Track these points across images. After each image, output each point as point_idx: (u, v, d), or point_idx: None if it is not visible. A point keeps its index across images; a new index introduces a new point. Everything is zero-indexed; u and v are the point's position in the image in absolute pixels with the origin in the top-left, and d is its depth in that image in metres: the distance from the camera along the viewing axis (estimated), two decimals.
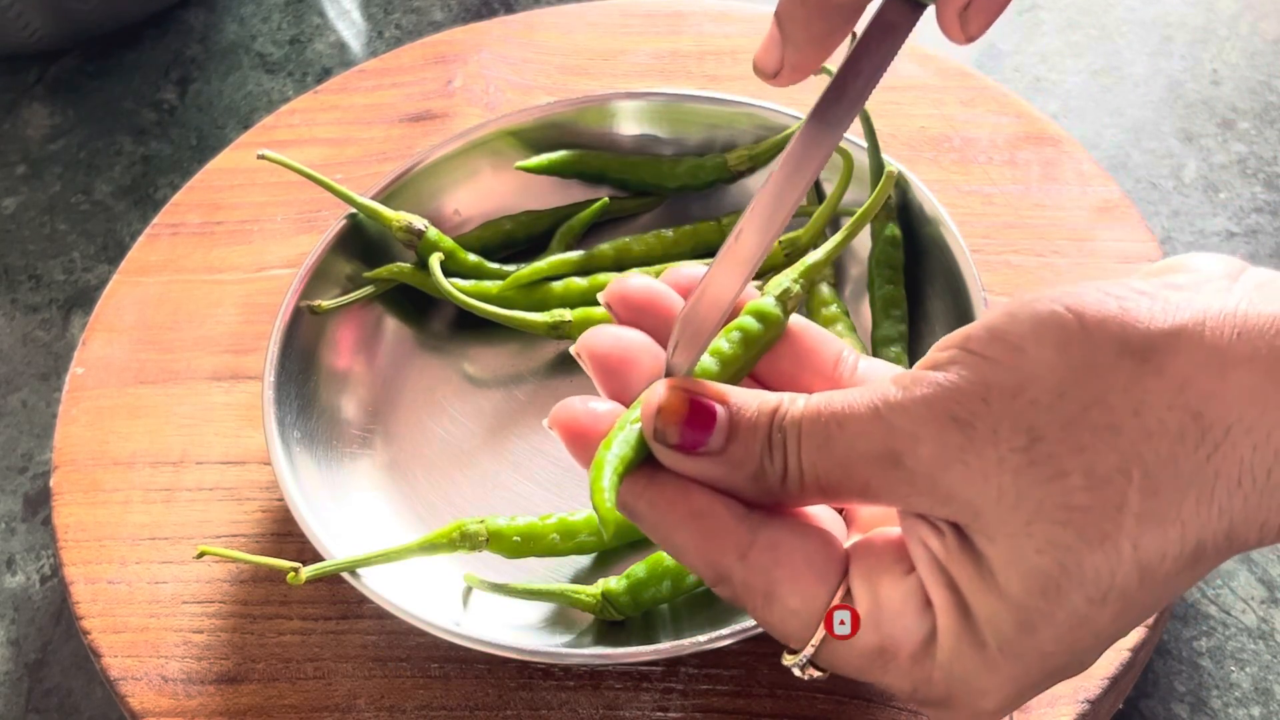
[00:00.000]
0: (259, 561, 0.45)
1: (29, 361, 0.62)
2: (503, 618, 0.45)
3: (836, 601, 0.29)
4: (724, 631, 0.40)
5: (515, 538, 0.45)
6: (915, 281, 0.51)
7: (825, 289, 0.51)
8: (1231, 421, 0.26)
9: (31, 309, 0.64)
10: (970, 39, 0.34)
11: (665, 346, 0.32)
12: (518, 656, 0.41)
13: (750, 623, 0.40)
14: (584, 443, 0.31)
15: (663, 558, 0.44)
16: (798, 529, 0.30)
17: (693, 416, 0.29)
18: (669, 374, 0.32)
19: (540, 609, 0.45)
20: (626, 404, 0.32)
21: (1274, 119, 0.65)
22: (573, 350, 0.33)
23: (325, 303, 0.51)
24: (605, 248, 0.54)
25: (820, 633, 0.29)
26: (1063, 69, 0.69)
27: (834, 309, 0.50)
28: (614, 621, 0.44)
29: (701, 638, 0.40)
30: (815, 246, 0.51)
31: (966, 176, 0.58)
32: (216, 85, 0.74)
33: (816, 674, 0.30)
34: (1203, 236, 0.60)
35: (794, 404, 0.29)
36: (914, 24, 0.33)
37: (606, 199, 0.55)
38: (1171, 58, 0.69)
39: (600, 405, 0.32)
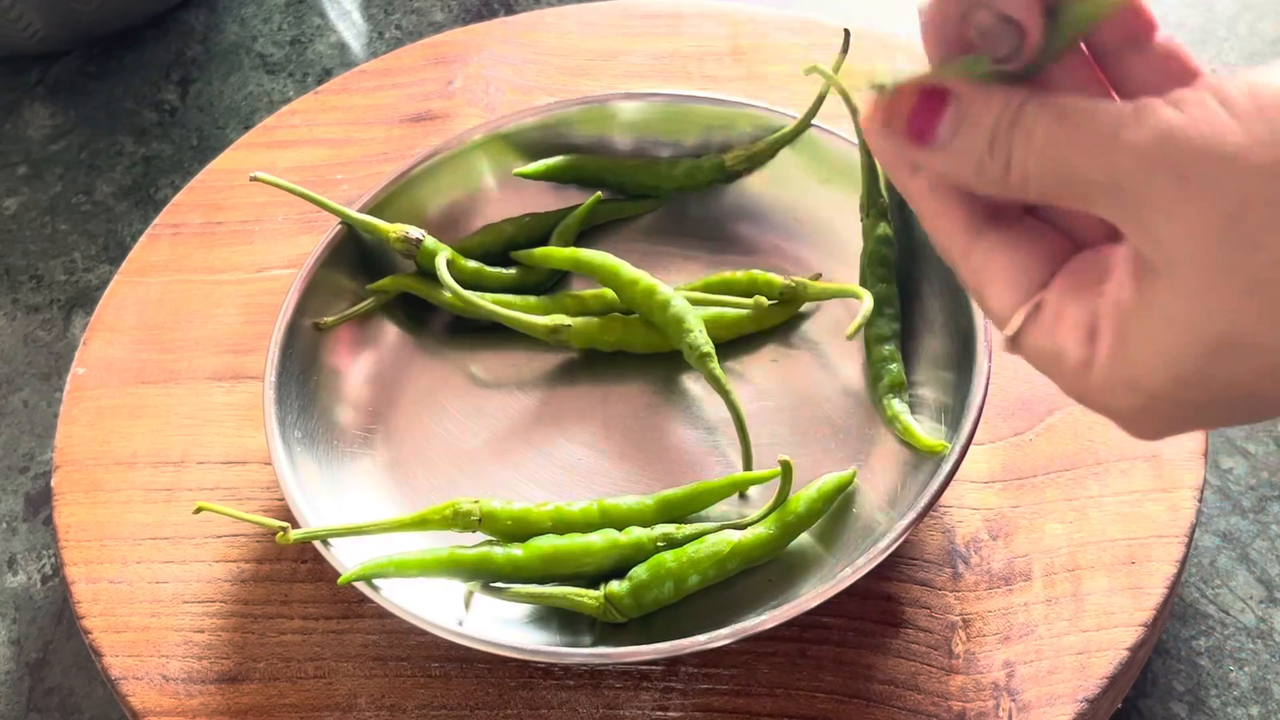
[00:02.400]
0: (252, 520, 0.45)
1: (30, 361, 0.62)
2: (503, 617, 0.45)
3: (1029, 305, 0.30)
4: (724, 631, 0.40)
5: (509, 521, 0.45)
6: (913, 281, 0.51)
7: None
8: None
9: (33, 309, 0.64)
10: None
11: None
12: (518, 656, 0.41)
13: (750, 623, 0.40)
14: (945, 43, 0.31)
15: (664, 559, 0.44)
16: (1016, 238, 0.31)
17: (922, 103, 0.30)
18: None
19: (541, 608, 0.45)
20: None
21: None
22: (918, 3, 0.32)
23: (329, 319, 0.51)
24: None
25: (1010, 328, 0.31)
26: None
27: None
28: (614, 622, 0.44)
29: (701, 638, 0.40)
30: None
31: None
32: (217, 86, 0.74)
33: (1019, 354, 0.32)
34: None
35: (1035, 101, 0.29)
36: None
37: (600, 195, 0.55)
38: None
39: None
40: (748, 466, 0.47)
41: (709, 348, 0.49)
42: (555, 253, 0.53)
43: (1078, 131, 0.28)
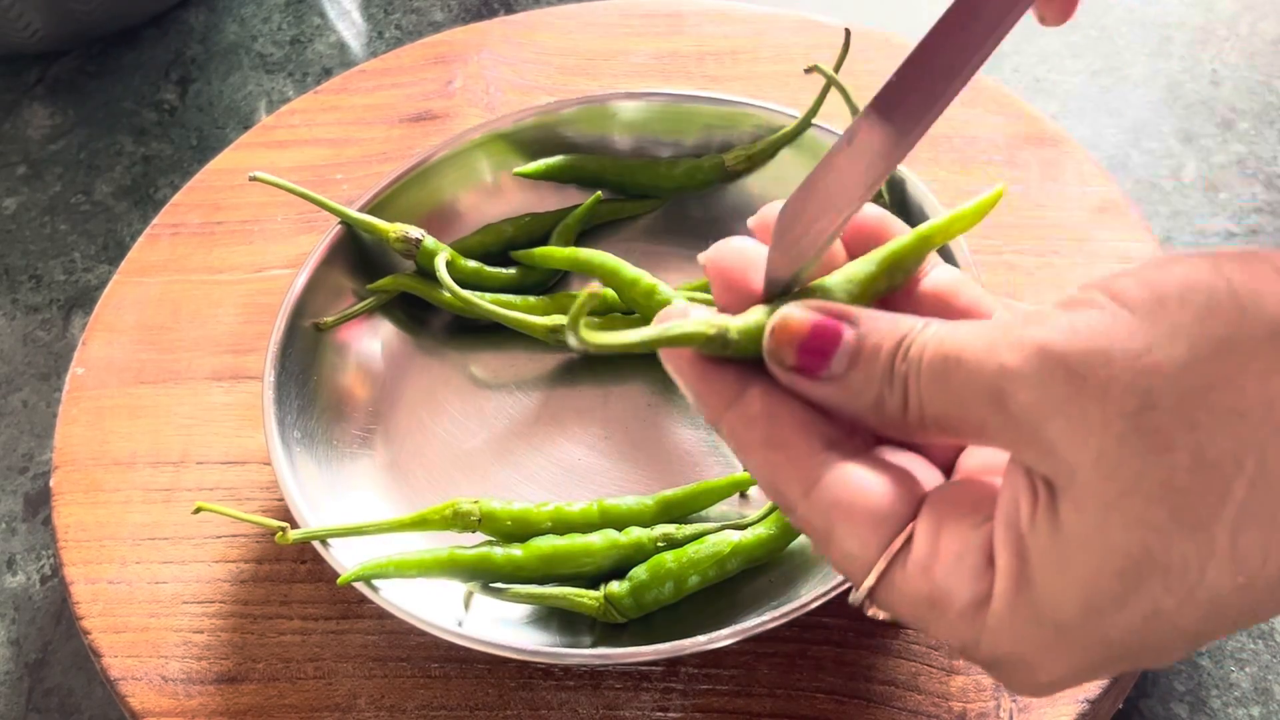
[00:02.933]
0: (251, 520, 0.45)
1: (29, 361, 0.62)
2: (503, 618, 0.45)
3: (895, 546, 0.27)
4: (724, 631, 0.40)
5: (509, 521, 0.45)
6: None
7: None
8: None
9: (32, 309, 0.64)
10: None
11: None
12: (518, 656, 0.41)
13: (750, 623, 0.40)
14: (733, 284, 0.30)
15: (664, 560, 0.44)
16: (872, 470, 0.28)
17: (815, 337, 0.28)
18: (767, 285, 0.29)
19: (541, 608, 0.45)
20: None
21: (1273, 119, 0.65)
22: (699, 259, 0.31)
23: (329, 319, 0.51)
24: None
25: (871, 577, 0.27)
26: (1063, 69, 0.69)
27: None
28: (614, 623, 0.44)
29: (701, 638, 0.40)
30: None
31: (966, 176, 0.58)
32: (217, 85, 0.74)
33: (881, 615, 0.29)
34: (1203, 236, 0.60)
35: (923, 331, 0.27)
36: None
37: (600, 194, 0.55)
38: (1171, 58, 0.69)
39: (759, 250, 0.30)
40: None
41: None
42: (555, 252, 0.53)
43: (965, 345, 0.26)
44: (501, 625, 0.44)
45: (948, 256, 0.49)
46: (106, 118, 0.73)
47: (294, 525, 0.44)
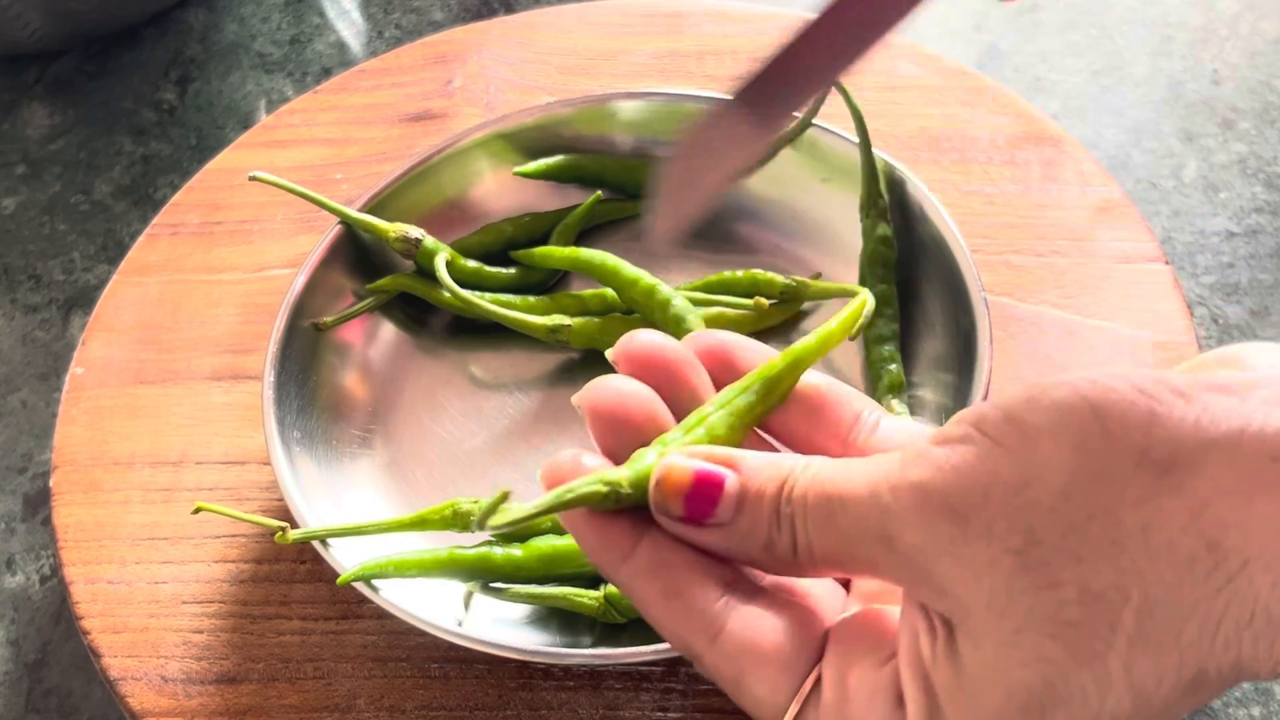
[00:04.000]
0: (251, 520, 0.45)
1: (29, 361, 0.62)
2: (503, 618, 0.45)
3: (805, 690, 0.27)
4: None
5: None
6: (914, 281, 0.51)
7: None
8: (1251, 555, 0.24)
9: (31, 309, 0.64)
10: None
11: (670, 404, 0.31)
12: (518, 656, 0.41)
13: None
14: (614, 427, 0.30)
15: None
16: (773, 611, 0.28)
17: (698, 488, 0.28)
18: (656, 241, 0.30)
19: (541, 608, 0.45)
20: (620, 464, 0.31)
21: (1274, 119, 0.65)
22: (573, 401, 0.32)
23: (328, 319, 0.51)
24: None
25: (788, 717, 0.27)
26: (1063, 69, 0.69)
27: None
28: (615, 623, 0.44)
29: None
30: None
31: (966, 176, 0.58)
32: (216, 85, 0.74)
33: None
34: (1203, 236, 0.60)
35: (804, 473, 0.27)
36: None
37: (600, 194, 0.55)
38: (1172, 58, 0.69)
39: (635, 388, 0.31)
40: None
41: None
42: (555, 252, 0.53)
43: (847, 489, 0.26)
44: (501, 625, 0.44)
45: (948, 256, 0.49)
46: (106, 117, 0.73)
47: (294, 525, 0.44)
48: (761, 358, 0.32)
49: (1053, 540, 0.24)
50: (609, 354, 0.32)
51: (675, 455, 0.29)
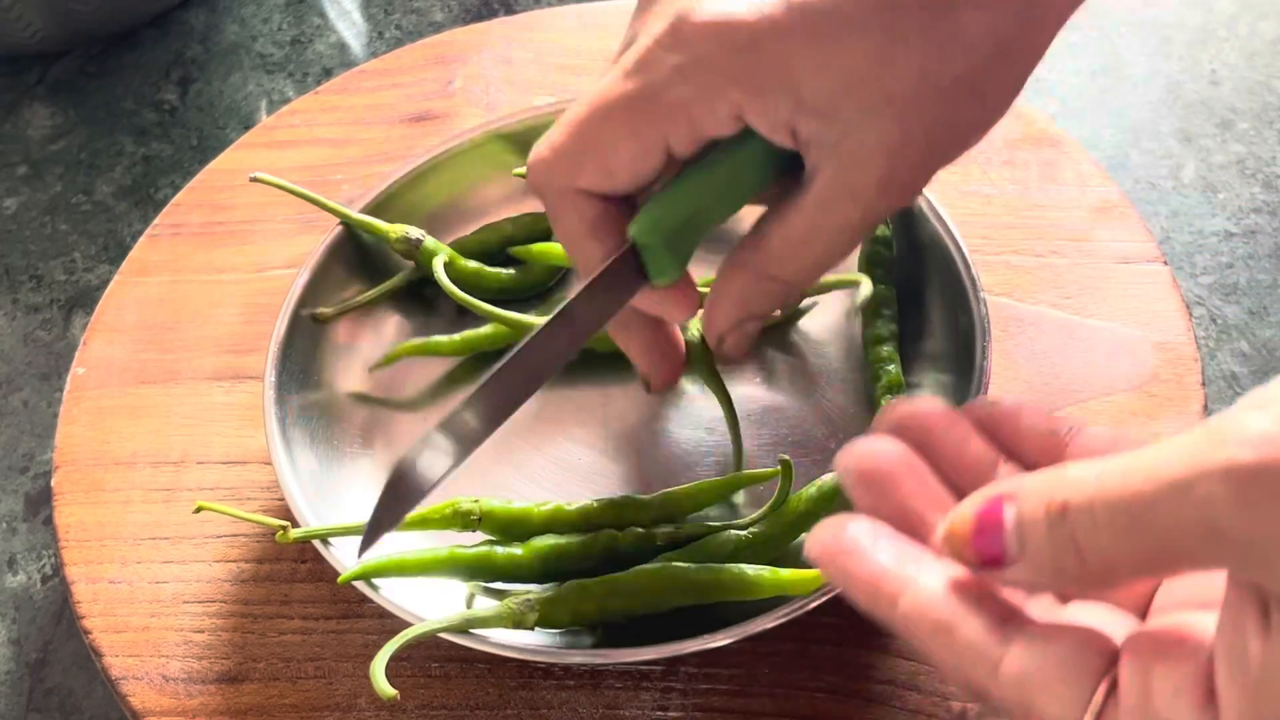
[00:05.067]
0: (252, 519, 0.45)
1: (30, 361, 0.62)
2: None
3: (1099, 698, 0.26)
4: (724, 631, 0.40)
5: (508, 520, 0.45)
6: (913, 282, 0.51)
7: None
8: None
9: (33, 309, 0.64)
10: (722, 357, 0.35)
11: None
12: (518, 656, 0.41)
13: (750, 623, 0.40)
14: (877, 488, 0.30)
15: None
16: (1053, 632, 0.27)
17: (981, 527, 0.27)
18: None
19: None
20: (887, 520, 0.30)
21: (1273, 119, 0.65)
22: (837, 463, 0.31)
23: (327, 310, 0.51)
24: None
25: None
26: (1062, 69, 0.69)
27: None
28: (615, 623, 0.44)
29: (702, 638, 0.40)
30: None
31: (966, 177, 0.58)
32: (217, 86, 0.74)
33: None
34: (1201, 237, 0.60)
35: (1078, 489, 0.26)
36: (636, 292, 0.39)
37: None
38: (1170, 58, 0.69)
39: (893, 446, 0.30)
40: (738, 464, 0.48)
41: (702, 343, 0.49)
42: (554, 248, 0.53)
43: (1147, 492, 0.24)
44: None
45: (947, 257, 0.49)
46: (107, 118, 0.73)
47: (294, 524, 0.44)
48: (1039, 421, 0.32)
49: None
50: (881, 425, 0.32)
51: (964, 503, 0.28)
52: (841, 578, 0.29)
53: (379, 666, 0.39)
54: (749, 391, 0.51)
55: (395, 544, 0.44)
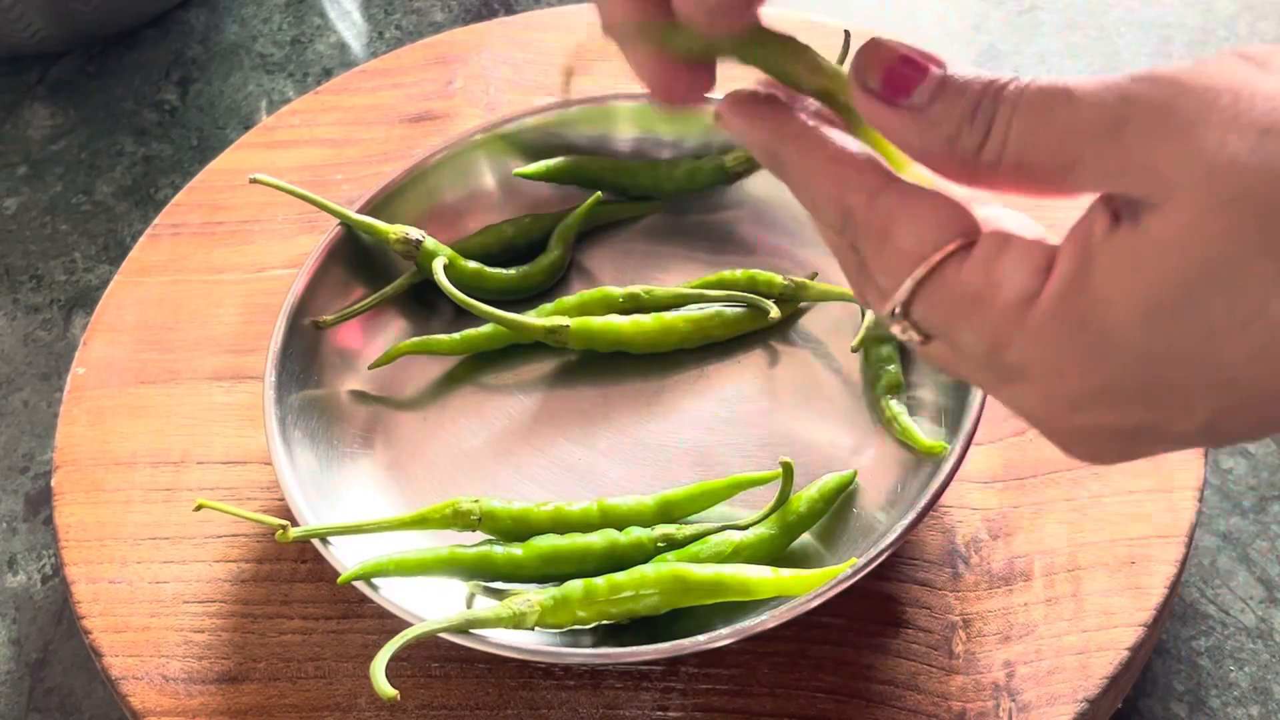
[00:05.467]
0: (252, 518, 0.45)
1: (30, 361, 0.62)
2: None
3: (952, 246, 0.28)
4: (724, 631, 0.40)
5: (509, 520, 0.45)
6: None
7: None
8: None
9: (33, 309, 0.64)
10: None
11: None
12: (518, 656, 0.41)
13: (750, 623, 0.40)
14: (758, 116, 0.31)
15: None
16: (936, 192, 0.29)
17: (903, 65, 0.28)
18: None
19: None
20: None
21: None
22: (715, 112, 0.32)
23: (328, 317, 0.51)
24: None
25: (926, 265, 0.28)
26: (1062, 69, 0.69)
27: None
28: (615, 623, 0.44)
29: (701, 638, 0.40)
30: None
31: None
32: (217, 86, 0.74)
33: (915, 336, 0.29)
34: None
35: (1021, 79, 0.27)
36: None
37: (600, 195, 0.55)
38: (1170, 58, 0.69)
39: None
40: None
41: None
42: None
43: (1083, 84, 0.26)
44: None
45: None
46: (107, 118, 0.73)
47: (294, 524, 0.44)
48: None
49: None
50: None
51: (888, 38, 0.29)
52: (722, 108, 0.31)
53: (379, 667, 0.39)
54: (749, 390, 0.51)
55: (395, 544, 0.44)
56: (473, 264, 0.54)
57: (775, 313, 0.51)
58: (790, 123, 0.30)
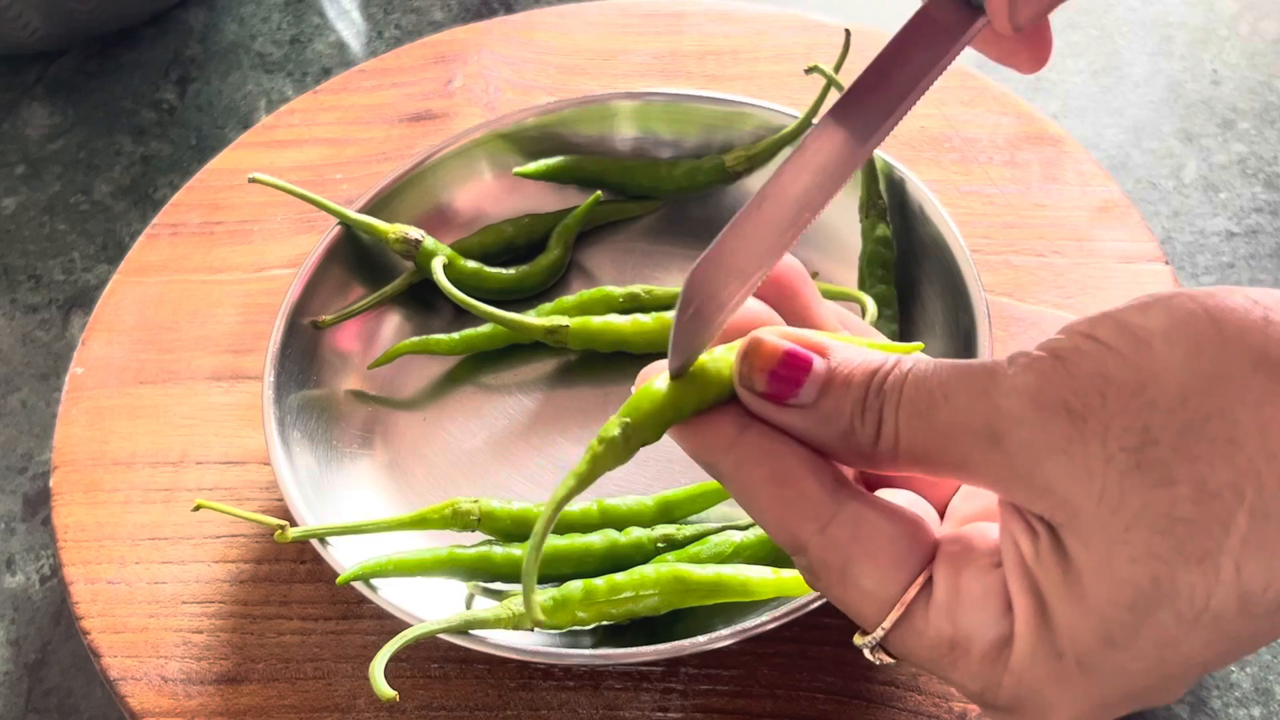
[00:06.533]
0: (250, 518, 0.45)
1: (29, 361, 0.62)
2: None
3: (917, 586, 0.27)
4: (724, 631, 0.40)
5: (508, 520, 0.45)
6: (914, 281, 0.51)
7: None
8: None
9: (31, 309, 0.64)
10: (1017, 28, 0.31)
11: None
12: (518, 656, 0.41)
13: (750, 623, 0.40)
14: (729, 339, 0.30)
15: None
16: (886, 511, 0.28)
17: (786, 365, 0.28)
18: (677, 357, 0.30)
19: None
20: None
21: (1274, 119, 0.65)
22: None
23: (327, 317, 0.51)
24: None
25: (893, 616, 0.28)
26: (1063, 69, 0.69)
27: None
28: (615, 623, 0.44)
29: (702, 638, 0.40)
30: None
31: (966, 176, 0.58)
32: (216, 85, 0.74)
33: (887, 659, 0.29)
34: (1203, 236, 0.60)
35: (899, 366, 0.27)
36: (968, 29, 0.31)
37: (600, 194, 0.55)
38: (1171, 58, 0.69)
39: (758, 304, 0.30)
40: None
41: None
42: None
43: (952, 384, 0.26)
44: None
45: (948, 257, 0.49)
46: (106, 117, 0.73)
47: (293, 524, 0.44)
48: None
49: (1169, 440, 0.25)
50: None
51: (766, 331, 0.28)
52: (672, 432, 0.30)
53: (378, 667, 0.39)
54: None
55: (394, 544, 0.44)
56: (472, 264, 0.54)
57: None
58: (722, 433, 0.29)
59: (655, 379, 0.29)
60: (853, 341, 0.29)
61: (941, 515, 0.32)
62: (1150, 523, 0.25)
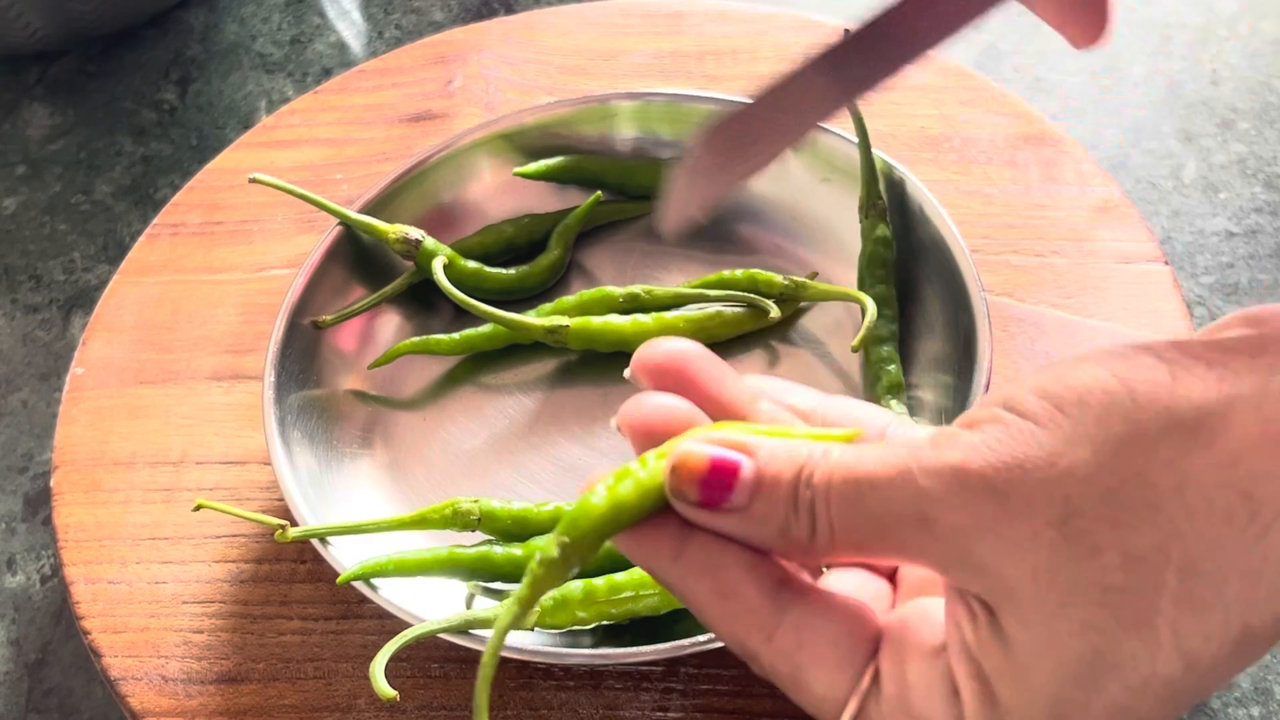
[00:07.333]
0: (251, 517, 0.45)
1: (29, 361, 0.62)
2: None
3: (864, 685, 0.28)
4: None
5: (508, 520, 0.45)
6: (914, 282, 0.51)
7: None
8: None
9: (32, 309, 0.64)
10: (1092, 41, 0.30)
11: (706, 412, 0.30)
12: (518, 656, 0.41)
13: None
14: (655, 441, 0.30)
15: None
16: (827, 609, 0.28)
17: (714, 474, 0.28)
18: (673, 220, 0.29)
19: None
20: None
21: (1274, 119, 0.65)
22: (613, 423, 0.31)
23: (328, 317, 0.51)
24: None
25: (848, 713, 0.27)
26: (1063, 69, 0.69)
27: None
28: (615, 623, 0.44)
29: (701, 638, 0.40)
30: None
31: (966, 176, 0.58)
32: (217, 85, 0.74)
33: None
34: (1203, 237, 0.60)
35: (824, 459, 0.27)
36: None
37: (600, 194, 0.55)
38: (1171, 58, 0.69)
39: (674, 403, 0.30)
40: None
41: None
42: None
43: (878, 471, 0.26)
44: None
45: (948, 257, 0.49)
46: (106, 118, 0.73)
47: (293, 524, 0.44)
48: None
49: (1091, 508, 0.25)
50: (627, 373, 0.32)
51: (691, 441, 0.28)
52: (619, 545, 0.29)
53: (378, 667, 0.39)
54: None
55: (395, 544, 0.44)
56: (472, 264, 0.54)
57: (775, 313, 0.51)
58: (665, 545, 0.29)
59: (592, 492, 0.28)
60: (776, 430, 0.29)
61: (894, 579, 0.32)
62: (1084, 595, 0.25)
